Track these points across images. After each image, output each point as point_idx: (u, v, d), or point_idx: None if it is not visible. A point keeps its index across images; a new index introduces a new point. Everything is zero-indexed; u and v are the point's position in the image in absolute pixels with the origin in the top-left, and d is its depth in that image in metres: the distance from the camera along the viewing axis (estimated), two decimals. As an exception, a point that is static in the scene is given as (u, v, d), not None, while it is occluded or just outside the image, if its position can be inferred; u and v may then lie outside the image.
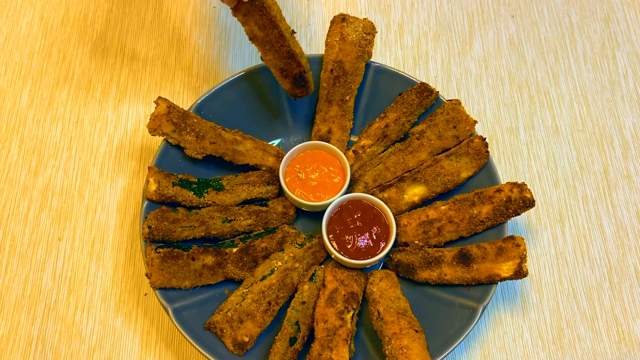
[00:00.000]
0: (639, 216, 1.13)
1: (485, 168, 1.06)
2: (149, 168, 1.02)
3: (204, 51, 1.25)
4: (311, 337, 0.96)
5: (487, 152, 1.06)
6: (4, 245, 1.08)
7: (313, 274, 1.00)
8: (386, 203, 1.04)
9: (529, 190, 1.01)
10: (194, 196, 1.04)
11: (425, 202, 1.07)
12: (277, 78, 1.04)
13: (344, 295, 0.97)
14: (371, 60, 1.13)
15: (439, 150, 1.08)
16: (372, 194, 1.05)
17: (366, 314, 1.00)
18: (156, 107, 1.04)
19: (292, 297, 0.99)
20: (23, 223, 1.10)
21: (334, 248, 1.01)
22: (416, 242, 1.03)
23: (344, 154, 1.08)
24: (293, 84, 1.04)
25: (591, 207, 1.14)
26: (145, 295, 1.05)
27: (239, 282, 1.01)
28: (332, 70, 1.09)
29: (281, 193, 1.09)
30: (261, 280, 0.98)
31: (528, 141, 1.19)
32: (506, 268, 0.97)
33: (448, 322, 0.98)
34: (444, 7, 1.31)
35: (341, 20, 1.11)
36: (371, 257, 1.00)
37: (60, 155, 1.16)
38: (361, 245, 1.01)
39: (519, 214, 1.01)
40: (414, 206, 1.06)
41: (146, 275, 0.96)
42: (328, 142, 1.09)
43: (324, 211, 1.03)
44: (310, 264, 1.03)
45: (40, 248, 1.08)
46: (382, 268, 1.04)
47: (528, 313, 1.06)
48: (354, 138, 1.13)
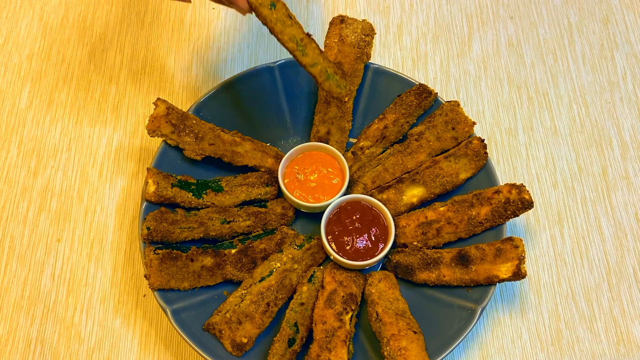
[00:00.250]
0: (638, 217, 1.13)
1: (483, 169, 1.06)
2: (148, 169, 1.02)
3: (203, 53, 1.25)
4: (310, 339, 0.96)
5: (486, 154, 1.06)
6: (3, 246, 1.08)
7: (312, 275, 1.00)
8: (385, 204, 1.04)
9: (528, 191, 1.01)
10: (193, 197, 1.04)
11: (424, 204, 1.07)
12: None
13: (343, 296, 0.97)
14: (370, 61, 1.13)
15: (438, 151, 1.08)
16: (371, 195, 1.05)
17: (365, 315, 1.00)
18: (155, 109, 1.04)
19: (291, 299, 0.99)
20: (22, 224, 1.10)
21: (333, 249, 1.01)
22: (415, 244, 1.03)
23: (343, 155, 1.07)
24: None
25: (590, 208, 1.14)
26: (144, 296, 1.05)
27: (238, 284, 1.01)
28: None
29: (280, 194, 1.09)
30: (260, 281, 0.98)
31: (527, 142, 1.19)
32: (505, 269, 0.97)
33: (447, 323, 0.98)
34: (443, 9, 1.31)
35: (340, 21, 1.11)
36: (370, 259, 1.00)
37: (59, 156, 1.16)
38: (360, 246, 1.01)
39: (518, 215, 1.01)
40: (413, 207, 1.06)
41: (145, 276, 0.96)
42: (327, 144, 1.09)
43: (323, 212, 1.03)
44: (309, 265, 1.03)
45: (39, 249, 1.08)
46: (381, 269, 1.04)
47: (527, 314, 1.06)
48: (353, 139, 1.13)
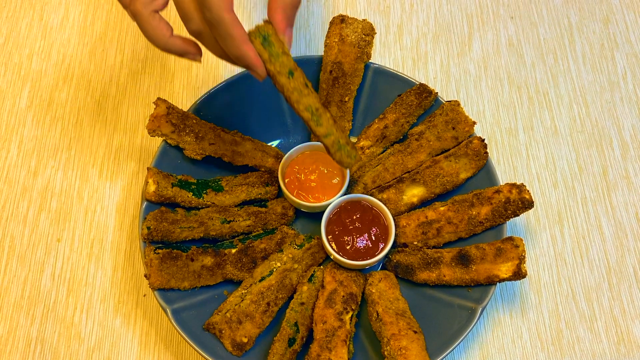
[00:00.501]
0: (638, 217, 1.13)
1: (484, 169, 1.06)
2: (148, 169, 1.02)
3: (204, 52, 1.25)
4: (310, 338, 0.96)
5: (486, 153, 1.06)
6: (3, 246, 1.08)
7: (312, 275, 1.00)
8: (385, 204, 1.04)
9: (528, 191, 1.01)
10: (193, 197, 1.04)
11: (424, 203, 1.06)
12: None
13: (343, 296, 0.97)
14: (370, 61, 1.13)
15: (438, 151, 1.08)
16: (371, 195, 1.05)
17: (365, 315, 1.00)
18: (155, 108, 1.03)
19: (291, 298, 0.99)
20: (22, 224, 1.10)
21: (333, 249, 1.01)
22: (415, 243, 1.03)
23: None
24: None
25: (590, 208, 1.14)
26: (144, 296, 1.05)
27: (238, 283, 1.01)
28: (331, 71, 1.09)
29: (280, 194, 1.09)
30: (260, 281, 0.98)
31: (527, 142, 1.19)
32: (505, 269, 0.97)
33: (447, 323, 0.98)
34: (443, 9, 1.31)
35: (340, 21, 1.11)
36: (370, 258, 1.00)
37: (59, 156, 1.16)
38: (360, 246, 1.01)
39: (518, 215, 1.01)
40: (413, 207, 1.06)
41: (145, 276, 0.96)
42: (327, 143, 1.09)
43: (323, 212, 1.02)
44: (309, 265, 1.03)
45: (39, 249, 1.08)
46: (381, 269, 1.04)
47: (527, 314, 1.06)
48: (353, 139, 1.13)
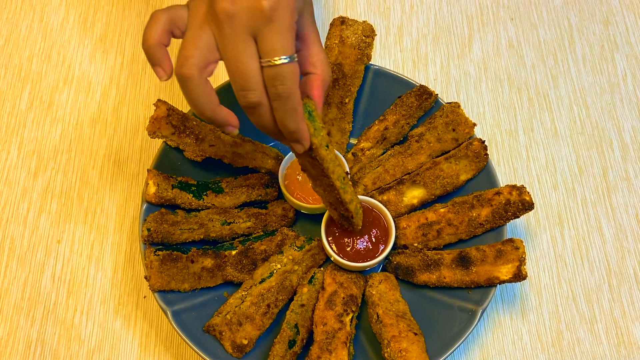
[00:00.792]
0: (638, 218, 1.13)
1: (484, 171, 1.06)
2: (148, 170, 1.02)
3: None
4: (310, 340, 0.96)
5: (486, 155, 1.06)
6: (3, 247, 1.08)
7: (312, 277, 1.00)
8: (385, 205, 1.04)
9: (528, 192, 1.01)
10: (193, 199, 1.03)
11: (424, 205, 1.06)
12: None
13: (343, 298, 0.97)
14: (370, 62, 1.13)
15: (438, 152, 1.08)
16: (372, 197, 1.05)
17: (365, 317, 1.00)
18: (156, 110, 1.03)
19: (291, 300, 0.99)
20: (22, 225, 1.10)
21: (333, 251, 1.01)
22: (415, 245, 1.03)
23: (343, 157, 1.07)
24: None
25: (590, 210, 1.14)
26: (144, 297, 1.05)
27: (238, 285, 1.01)
28: (332, 72, 1.09)
29: (280, 195, 1.09)
30: (260, 282, 0.98)
31: (527, 144, 1.19)
32: (505, 271, 0.97)
33: (447, 325, 0.98)
34: (443, 10, 1.31)
35: (340, 22, 1.11)
36: (370, 260, 1.00)
37: (59, 157, 1.16)
38: (360, 247, 1.01)
39: (518, 217, 1.01)
40: (413, 209, 1.06)
41: (145, 277, 0.96)
42: (327, 145, 1.09)
43: (323, 214, 1.02)
44: (309, 267, 1.03)
45: (39, 250, 1.08)
46: (382, 271, 1.04)
47: (527, 316, 1.06)
48: (353, 140, 1.13)
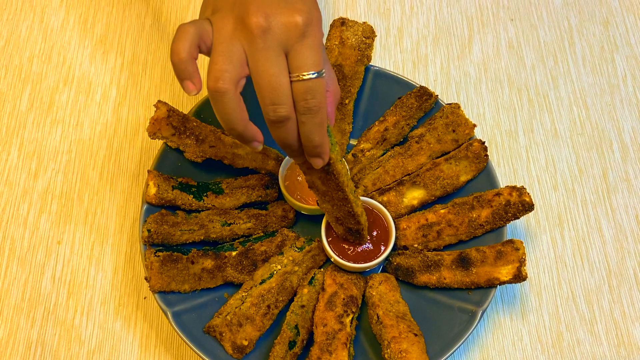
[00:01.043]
0: (638, 219, 1.13)
1: (484, 172, 1.06)
2: (149, 171, 1.02)
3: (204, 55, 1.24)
4: (310, 341, 0.96)
5: (486, 156, 1.06)
6: (4, 248, 1.08)
7: (312, 278, 1.00)
8: (385, 206, 1.04)
9: (528, 193, 1.01)
10: (194, 199, 1.03)
11: (424, 206, 1.06)
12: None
13: (344, 298, 0.97)
14: (370, 64, 1.13)
15: (438, 153, 1.08)
16: (372, 198, 1.05)
17: (365, 318, 1.00)
18: (156, 111, 1.03)
19: (292, 301, 0.99)
20: (23, 226, 1.10)
21: (334, 252, 1.01)
22: (415, 246, 1.03)
23: (344, 158, 1.07)
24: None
25: (590, 211, 1.14)
26: (144, 298, 1.05)
27: (239, 286, 1.01)
28: None
29: (281, 196, 1.09)
30: (260, 283, 0.98)
31: (527, 145, 1.19)
32: (505, 272, 0.97)
33: (447, 326, 0.98)
34: (443, 11, 1.31)
35: (340, 24, 1.11)
36: (371, 261, 1.00)
37: (60, 158, 1.16)
38: (360, 249, 1.01)
39: (518, 218, 1.01)
40: (413, 210, 1.06)
41: (145, 278, 0.96)
42: (327, 146, 1.09)
43: (324, 215, 1.02)
44: (309, 268, 1.03)
45: (39, 251, 1.08)
46: (382, 272, 1.04)
47: (527, 316, 1.06)
48: (354, 141, 1.13)
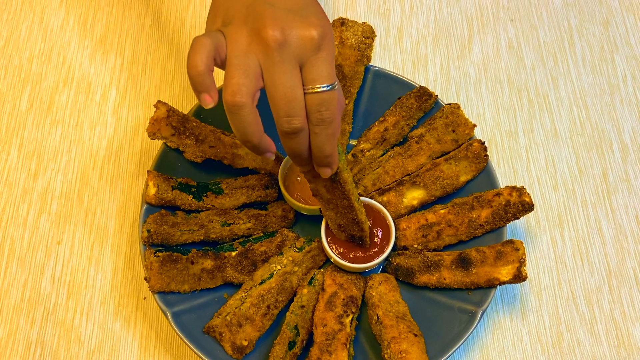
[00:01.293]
0: (638, 220, 1.13)
1: (484, 172, 1.06)
2: (148, 172, 1.02)
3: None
4: (310, 341, 0.96)
5: (486, 156, 1.06)
6: (3, 248, 1.08)
7: (312, 278, 1.00)
8: (385, 207, 1.04)
9: (528, 194, 1.01)
10: (193, 200, 1.03)
11: (424, 206, 1.06)
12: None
13: (343, 299, 0.96)
14: (370, 64, 1.13)
15: (438, 154, 1.08)
16: (371, 198, 1.05)
17: (365, 318, 1.00)
18: (155, 111, 1.03)
19: (291, 301, 0.99)
20: (22, 226, 1.10)
21: (333, 252, 1.01)
22: (415, 246, 1.03)
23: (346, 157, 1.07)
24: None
25: (590, 211, 1.14)
26: (144, 299, 1.05)
27: (238, 286, 1.01)
28: None
29: (280, 197, 1.09)
30: (260, 284, 0.98)
31: (527, 145, 1.19)
32: (505, 272, 0.97)
33: (447, 326, 0.98)
34: (443, 11, 1.31)
35: (340, 24, 1.11)
36: (370, 261, 1.00)
37: (59, 158, 1.16)
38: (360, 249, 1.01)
39: (518, 218, 1.01)
40: (413, 210, 1.06)
41: (145, 279, 0.96)
42: (327, 146, 1.09)
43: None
44: (309, 268, 1.02)
45: (39, 252, 1.08)
46: (382, 272, 1.04)
47: (527, 317, 1.06)
48: (353, 142, 1.13)
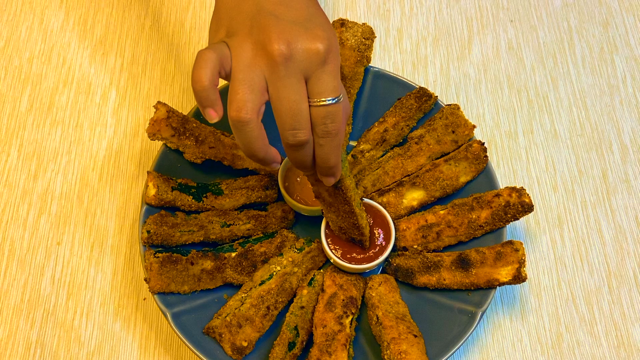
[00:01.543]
0: (638, 221, 1.13)
1: (484, 172, 1.06)
2: (148, 172, 1.02)
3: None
4: (310, 342, 0.96)
5: (486, 157, 1.06)
6: (3, 249, 1.08)
7: (312, 279, 1.00)
8: (385, 207, 1.04)
9: (528, 194, 1.01)
10: (193, 200, 1.03)
11: (424, 207, 1.06)
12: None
13: (343, 300, 0.97)
14: (370, 65, 1.13)
15: (438, 154, 1.08)
16: (371, 199, 1.05)
17: (365, 319, 1.00)
18: (155, 112, 1.03)
19: (291, 302, 0.99)
20: (22, 227, 1.10)
21: (333, 253, 1.01)
22: (415, 247, 1.03)
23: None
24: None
25: (590, 212, 1.14)
26: (144, 299, 1.05)
27: (238, 287, 1.01)
28: None
29: (280, 197, 1.09)
30: (260, 284, 0.98)
31: (527, 145, 1.19)
32: (505, 273, 0.97)
33: (447, 327, 0.98)
34: (443, 12, 1.31)
35: (340, 25, 1.11)
36: (370, 262, 1.00)
37: (59, 159, 1.16)
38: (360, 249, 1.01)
39: (518, 219, 1.01)
40: (413, 211, 1.06)
41: (145, 279, 0.96)
42: (327, 147, 1.09)
43: (323, 216, 1.02)
44: (309, 269, 1.03)
45: (39, 252, 1.08)
46: (381, 273, 1.04)
47: (527, 318, 1.06)
48: (353, 143, 1.13)
